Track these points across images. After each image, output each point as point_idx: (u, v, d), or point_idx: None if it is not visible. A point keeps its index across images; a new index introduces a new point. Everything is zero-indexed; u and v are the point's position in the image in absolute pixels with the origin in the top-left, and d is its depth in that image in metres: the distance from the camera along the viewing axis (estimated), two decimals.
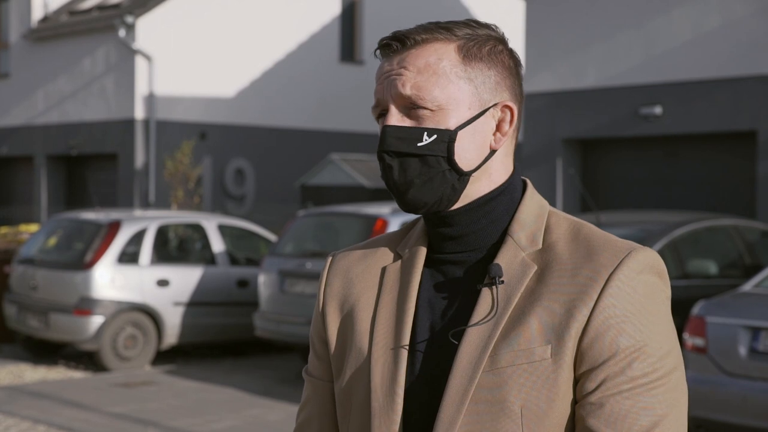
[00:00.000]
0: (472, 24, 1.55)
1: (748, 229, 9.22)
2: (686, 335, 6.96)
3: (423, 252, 1.59)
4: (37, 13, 20.74)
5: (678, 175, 13.33)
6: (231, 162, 19.61)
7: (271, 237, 12.40)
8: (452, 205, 1.53)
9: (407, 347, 1.52)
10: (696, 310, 6.99)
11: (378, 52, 1.56)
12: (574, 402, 1.45)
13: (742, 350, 6.66)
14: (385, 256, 1.63)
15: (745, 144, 12.58)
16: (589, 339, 1.43)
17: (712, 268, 8.76)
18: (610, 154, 14.06)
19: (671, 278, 8.15)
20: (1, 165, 22.45)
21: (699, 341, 6.86)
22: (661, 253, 8.20)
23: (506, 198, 1.55)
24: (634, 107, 13.28)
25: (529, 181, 1.61)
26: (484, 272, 1.52)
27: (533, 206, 1.56)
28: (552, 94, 14.15)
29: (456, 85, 1.51)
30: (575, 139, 14.15)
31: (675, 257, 8.35)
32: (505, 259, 1.50)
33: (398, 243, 1.64)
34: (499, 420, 1.44)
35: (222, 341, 11.83)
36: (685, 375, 5.19)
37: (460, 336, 1.49)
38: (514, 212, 1.56)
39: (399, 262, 1.60)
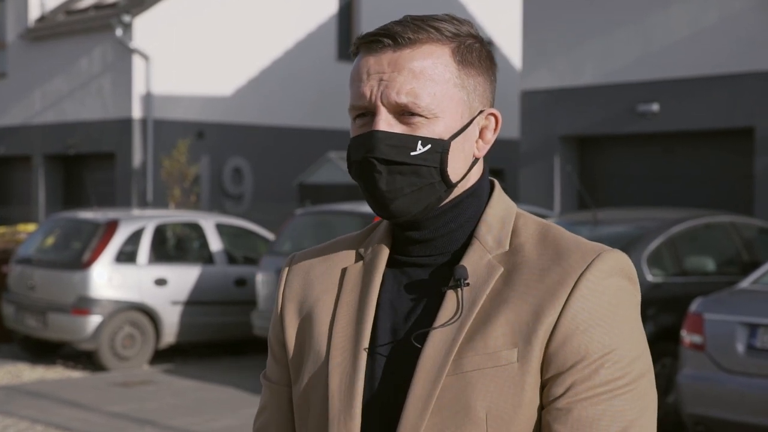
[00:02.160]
0: (454, 21, 1.49)
1: (746, 225, 9.23)
2: (684, 332, 6.96)
3: (385, 253, 1.54)
4: (34, 13, 20.72)
5: (675, 172, 13.33)
6: (229, 161, 19.60)
7: (269, 236, 12.39)
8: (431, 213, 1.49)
9: (367, 350, 1.48)
10: (694, 307, 6.99)
11: (360, 46, 1.49)
12: (541, 407, 1.41)
13: (740, 347, 6.66)
14: (346, 257, 1.58)
15: (742, 141, 12.58)
16: (557, 343, 1.39)
17: (710, 264, 8.76)
18: (608, 151, 14.07)
19: (669, 275, 8.16)
20: None
21: (697, 338, 6.86)
22: (658, 250, 8.20)
23: (474, 200, 1.52)
24: (631, 104, 13.28)
25: (497, 182, 1.58)
26: (449, 275, 1.47)
27: (500, 208, 1.52)
28: (549, 91, 14.15)
29: (451, 93, 1.46)
30: (573, 136, 14.15)
31: (672, 254, 8.35)
32: (470, 261, 1.46)
33: (360, 244, 1.59)
34: (463, 426, 1.40)
35: (220, 340, 11.83)
36: (683, 372, 5.19)
37: (423, 339, 1.44)
38: (481, 214, 1.52)
39: (360, 263, 1.55)
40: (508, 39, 22.49)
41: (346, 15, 21.13)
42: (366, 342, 1.48)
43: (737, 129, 12.57)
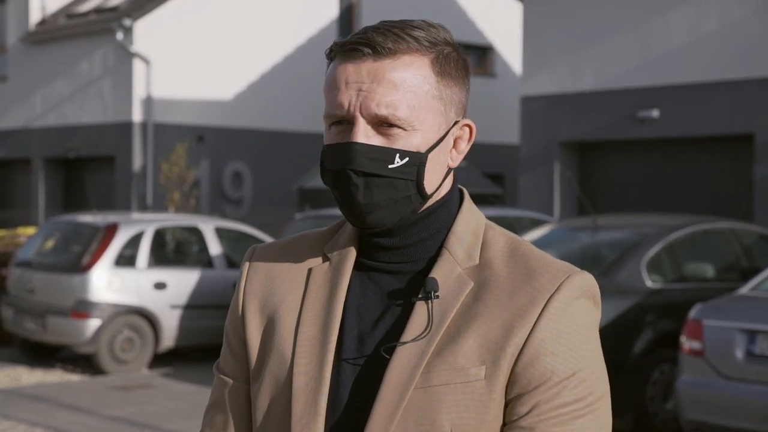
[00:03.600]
0: (431, 29, 1.47)
1: (745, 232, 9.23)
2: (683, 338, 6.97)
3: (353, 256, 1.53)
4: (34, 16, 20.74)
5: (675, 178, 13.34)
6: (228, 165, 19.61)
7: (269, 240, 12.39)
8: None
9: (333, 356, 1.47)
10: (693, 313, 6.99)
11: (337, 53, 1.48)
12: (503, 425, 1.42)
13: (739, 353, 6.66)
14: (311, 255, 1.56)
15: (742, 147, 12.59)
16: (524, 363, 1.41)
17: (709, 271, 8.76)
18: (608, 157, 14.08)
19: (668, 281, 8.16)
20: None
21: (696, 344, 6.86)
22: (657, 256, 8.20)
23: (445, 211, 1.51)
24: (631, 110, 13.29)
25: (466, 192, 1.56)
26: (418, 284, 1.47)
27: (470, 220, 1.52)
28: (549, 97, 14.16)
29: (430, 105, 1.45)
30: (573, 142, 14.16)
31: (672, 260, 8.35)
32: (441, 273, 1.46)
33: (326, 243, 1.57)
34: None
35: (219, 344, 11.81)
36: (682, 378, 5.20)
37: (392, 350, 1.44)
38: (451, 225, 1.51)
39: (327, 264, 1.54)
40: (509, 44, 22.50)
41: (346, 19, 21.14)
42: (332, 348, 1.47)
43: (737, 135, 12.58)
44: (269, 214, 18.93)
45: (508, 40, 22.40)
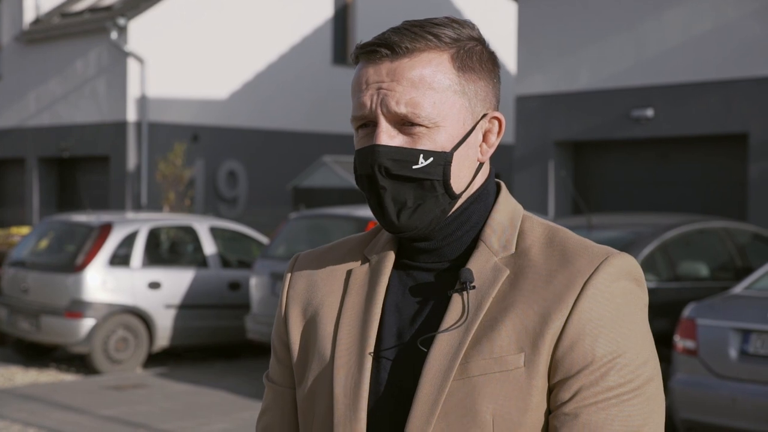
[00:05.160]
0: (455, 25, 1.47)
1: (739, 231, 9.25)
2: (677, 337, 6.98)
3: (392, 256, 1.53)
4: (28, 15, 20.70)
5: (669, 177, 13.35)
6: (223, 164, 19.59)
7: (263, 239, 12.39)
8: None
9: (372, 353, 1.47)
10: (687, 312, 7.00)
11: (359, 55, 1.48)
12: (548, 412, 1.40)
13: (733, 352, 6.67)
14: (351, 259, 1.58)
15: (736, 146, 12.61)
16: (564, 347, 1.38)
17: (703, 270, 8.78)
18: (602, 157, 14.09)
19: (662, 280, 8.17)
20: None
21: (689, 343, 6.87)
22: (651, 255, 8.21)
23: (480, 205, 1.51)
24: (625, 110, 13.30)
25: (503, 184, 1.56)
26: (455, 278, 1.46)
27: (506, 210, 1.51)
28: (544, 97, 14.17)
29: (452, 101, 1.44)
30: (567, 142, 14.17)
31: (666, 259, 8.36)
32: (476, 264, 1.45)
33: (366, 246, 1.58)
34: (470, 430, 1.39)
35: (213, 344, 11.82)
36: (675, 377, 5.19)
37: (429, 343, 1.43)
38: (487, 217, 1.51)
39: (366, 265, 1.55)
40: (504, 44, 22.51)
41: (341, 19, 21.14)
42: (371, 345, 1.48)
43: (731, 135, 12.60)
44: (264, 214, 18.93)
45: (503, 39, 22.41)
